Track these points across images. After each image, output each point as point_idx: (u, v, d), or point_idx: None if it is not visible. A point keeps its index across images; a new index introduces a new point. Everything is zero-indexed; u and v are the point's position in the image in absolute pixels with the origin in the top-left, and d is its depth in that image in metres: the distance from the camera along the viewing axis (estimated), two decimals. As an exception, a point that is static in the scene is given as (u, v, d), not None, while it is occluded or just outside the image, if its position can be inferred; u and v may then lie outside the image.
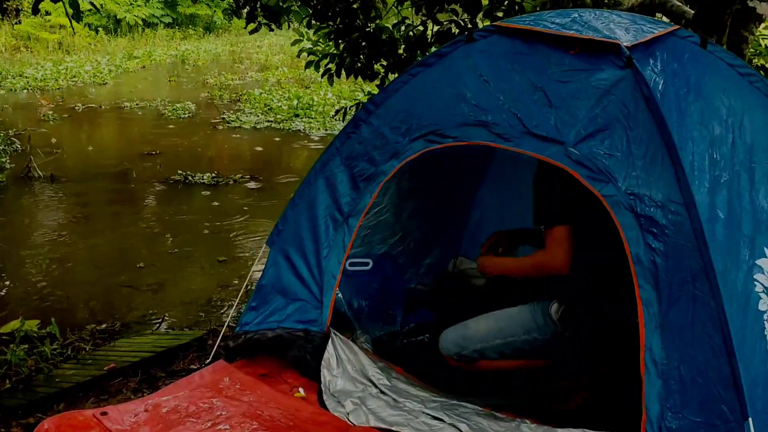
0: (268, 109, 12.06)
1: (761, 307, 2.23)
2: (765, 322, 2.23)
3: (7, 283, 5.09)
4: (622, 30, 2.54)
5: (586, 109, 2.45)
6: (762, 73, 5.13)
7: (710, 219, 2.22)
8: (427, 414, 2.66)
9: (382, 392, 2.81)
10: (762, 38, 6.22)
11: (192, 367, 3.58)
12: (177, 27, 24.28)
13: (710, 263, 2.14)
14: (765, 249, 2.32)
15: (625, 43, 2.46)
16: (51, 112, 11.44)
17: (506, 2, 4.64)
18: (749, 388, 2.08)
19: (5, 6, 19.66)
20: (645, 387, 2.22)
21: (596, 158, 2.40)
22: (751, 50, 5.39)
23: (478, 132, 2.67)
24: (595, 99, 2.45)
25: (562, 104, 2.50)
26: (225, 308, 4.54)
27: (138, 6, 22.61)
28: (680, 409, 2.17)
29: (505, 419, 2.59)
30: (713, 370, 2.13)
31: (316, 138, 10.15)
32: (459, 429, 2.56)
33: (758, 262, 2.28)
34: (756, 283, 2.25)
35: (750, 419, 2.03)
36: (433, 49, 4.55)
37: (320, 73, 5.39)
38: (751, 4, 4.21)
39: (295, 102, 12.36)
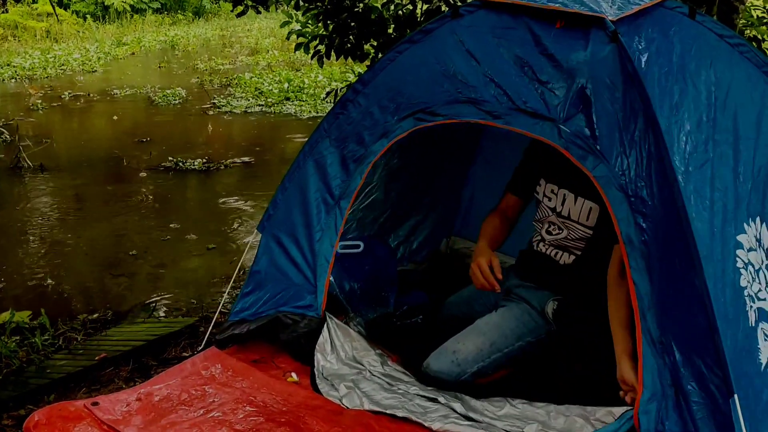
0: (259, 92, 11.99)
1: (742, 282, 2.22)
2: (746, 297, 2.22)
3: (-2, 274, 5.06)
4: (608, 2, 2.51)
5: (573, 86, 2.43)
6: (754, 44, 5.08)
7: (693, 197, 2.20)
8: (422, 396, 2.65)
9: (375, 375, 2.80)
10: (753, 9, 6.17)
11: (184, 354, 3.56)
12: (166, 12, 24.09)
13: (693, 242, 2.13)
14: (744, 225, 2.31)
15: (610, 17, 2.42)
16: (40, 101, 11.36)
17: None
18: (733, 365, 2.08)
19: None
20: (642, 366, 2.22)
21: (586, 137, 2.37)
22: (743, 21, 5.33)
23: (467, 109, 2.64)
24: (581, 75, 2.42)
25: (550, 80, 2.47)
26: (217, 295, 4.52)
27: (125, -8, 22.44)
28: (674, 388, 2.17)
29: (500, 399, 2.59)
30: (702, 348, 2.12)
31: (308, 121, 10.09)
32: (453, 409, 2.55)
33: (739, 237, 2.28)
34: (737, 259, 2.24)
35: (735, 395, 2.03)
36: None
37: (310, 55, 5.34)
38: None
39: (285, 85, 12.28)
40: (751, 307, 2.25)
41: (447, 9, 4.57)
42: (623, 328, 2.43)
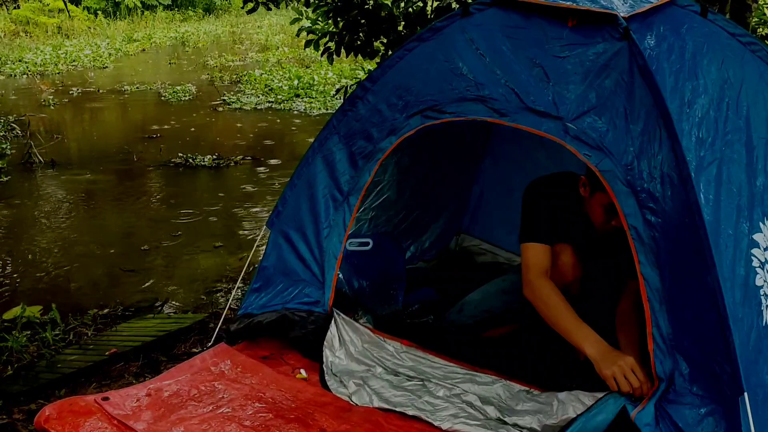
0: (269, 89, 12.00)
1: (758, 282, 2.21)
2: (762, 297, 2.21)
3: (9, 269, 5.08)
4: (620, 0, 2.50)
5: (584, 84, 2.43)
6: (766, 42, 5.06)
7: (704, 194, 2.20)
8: (432, 393, 2.65)
9: (386, 371, 2.81)
10: (766, 7, 6.13)
11: (194, 350, 3.57)
12: (176, 9, 24.15)
13: (707, 239, 2.12)
14: (760, 224, 2.30)
15: (622, 14, 2.42)
16: (51, 97, 11.41)
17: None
18: (745, 363, 2.07)
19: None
20: (654, 362, 2.22)
21: (594, 133, 2.38)
22: (755, 19, 5.30)
23: (475, 107, 2.64)
24: (593, 73, 2.42)
25: (560, 79, 2.47)
26: (226, 291, 4.53)
27: (136, -12, 22.47)
28: (683, 384, 2.17)
29: (519, 388, 2.61)
30: (712, 345, 2.12)
31: (317, 118, 10.09)
32: (464, 402, 2.56)
33: (755, 236, 2.26)
34: (753, 257, 2.23)
35: (745, 394, 2.02)
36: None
37: (320, 52, 5.35)
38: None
39: (295, 82, 12.29)
40: (767, 306, 2.24)
41: (457, 7, 4.56)
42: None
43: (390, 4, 5.01)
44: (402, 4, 5.01)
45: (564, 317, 2.58)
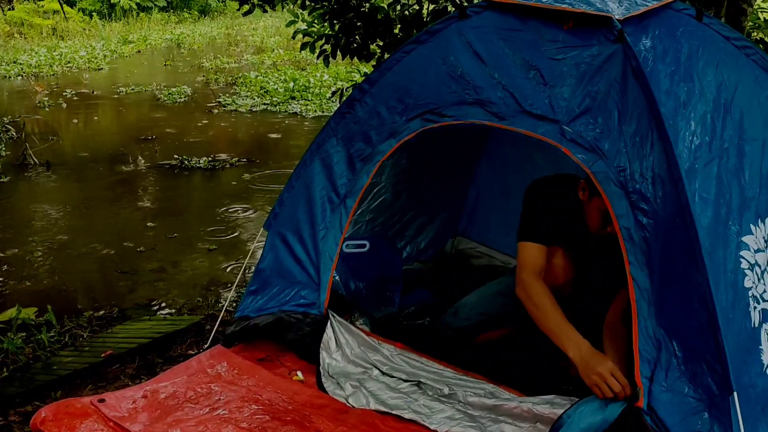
0: (264, 91, 11.98)
1: (746, 283, 2.24)
2: (750, 298, 2.23)
3: (4, 270, 5.07)
4: (615, 3, 2.53)
5: (580, 86, 2.45)
6: (761, 46, 5.08)
7: (697, 196, 2.21)
8: (428, 395, 2.66)
9: (382, 373, 2.81)
10: (761, 11, 6.15)
11: (190, 352, 3.56)
12: (172, 10, 24.08)
13: (697, 239, 2.14)
14: (750, 226, 2.33)
15: (617, 17, 2.44)
16: (46, 99, 11.38)
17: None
18: (734, 364, 2.09)
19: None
20: (639, 361, 2.23)
21: (588, 135, 2.40)
22: (750, 23, 5.32)
23: (474, 111, 2.66)
24: (588, 76, 2.44)
25: (556, 82, 2.49)
26: (223, 293, 4.52)
27: (132, -10, 22.43)
28: (672, 383, 2.18)
29: (509, 394, 2.59)
30: (701, 345, 2.14)
31: (313, 120, 10.09)
32: (459, 409, 2.56)
33: (744, 239, 2.29)
34: (741, 259, 2.25)
35: (735, 393, 2.04)
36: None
37: (316, 54, 5.35)
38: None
39: (291, 84, 12.27)
40: (755, 307, 2.25)
41: (454, 9, 4.57)
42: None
43: (386, 7, 5.01)
44: (398, 7, 5.02)
45: (551, 319, 2.60)
